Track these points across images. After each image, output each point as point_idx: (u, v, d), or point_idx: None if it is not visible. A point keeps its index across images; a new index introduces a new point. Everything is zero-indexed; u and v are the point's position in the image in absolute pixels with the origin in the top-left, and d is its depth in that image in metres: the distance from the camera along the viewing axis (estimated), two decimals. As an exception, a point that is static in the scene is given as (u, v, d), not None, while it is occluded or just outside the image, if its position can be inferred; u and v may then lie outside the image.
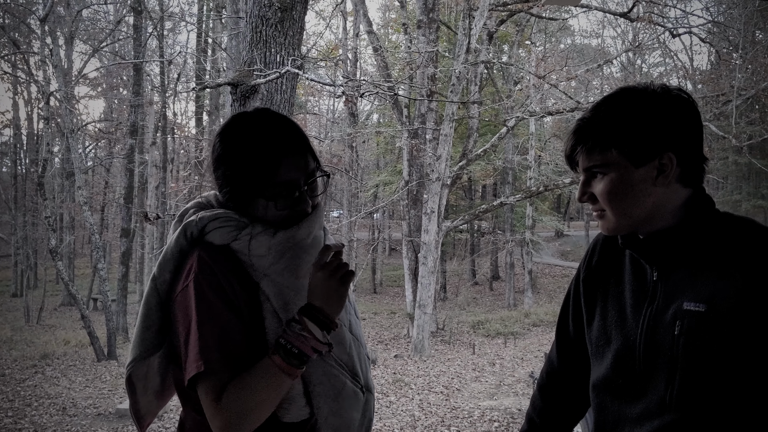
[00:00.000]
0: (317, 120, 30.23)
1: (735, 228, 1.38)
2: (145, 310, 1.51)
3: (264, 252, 1.49)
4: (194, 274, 1.43)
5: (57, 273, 19.77)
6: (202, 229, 1.49)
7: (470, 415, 9.93)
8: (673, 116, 1.37)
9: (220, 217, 1.50)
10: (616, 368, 1.46)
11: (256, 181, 1.48)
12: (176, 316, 1.45)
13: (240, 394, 1.37)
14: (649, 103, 1.37)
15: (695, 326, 1.30)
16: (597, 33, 42.04)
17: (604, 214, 1.44)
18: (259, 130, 1.52)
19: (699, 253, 1.37)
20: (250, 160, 1.48)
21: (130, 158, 18.98)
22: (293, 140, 1.52)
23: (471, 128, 16.84)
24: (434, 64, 15.40)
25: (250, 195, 1.50)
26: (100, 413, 10.87)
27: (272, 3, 5.99)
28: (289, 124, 1.55)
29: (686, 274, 1.37)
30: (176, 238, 1.50)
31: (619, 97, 1.42)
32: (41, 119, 22.47)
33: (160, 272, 1.50)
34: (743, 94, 14.59)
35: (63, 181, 26.40)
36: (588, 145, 1.40)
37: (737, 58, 16.36)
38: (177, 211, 8.27)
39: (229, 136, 1.54)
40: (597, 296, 1.58)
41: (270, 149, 1.48)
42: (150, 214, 9.46)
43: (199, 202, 1.62)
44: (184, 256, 1.49)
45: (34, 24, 19.58)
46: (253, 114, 1.57)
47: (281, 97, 6.21)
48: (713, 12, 21.52)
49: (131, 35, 19.87)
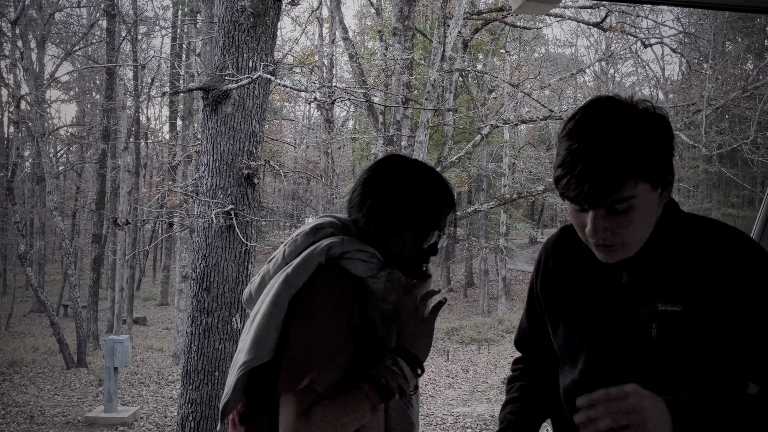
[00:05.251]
0: (293, 126, 30.13)
1: (702, 228, 1.42)
2: (276, 313, 1.51)
3: (394, 299, 1.58)
4: (331, 297, 1.50)
5: (26, 279, 19.46)
6: (343, 254, 1.55)
7: (443, 421, 9.94)
8: (669, 133, 1.35)
9: (366, 251, 1.57)
10: (589, 371, 1.48)
11: (414, 219, 1.60)
12: (295, 324, 1.49)
13: (330, 414, 1.42)
14: (648, 123, 1.32)
15: (672, 326, 1.34)
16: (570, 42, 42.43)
17: (615, 246, 1.36)
18: (427, 175, 1.65)
19: (669, 254, 1.40)
20: (418, 199, 1.60)
21: (102, 163, 18.77)
22: (451, 196, 1.68)
23: (446, 135, 16.90)
24: (409, 72, 15.43)
25: (401, 230, 1.60)
26: (69, 421, 10.72)
27: (245, 8, 5.97)
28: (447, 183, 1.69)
29: (657, 275, 1.39)
30: (319, 252, 1.54)
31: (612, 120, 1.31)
32: (11, 123, 22.13)
33: (296, 278, 1.53)
34: (713, 103, 14.80)
35: (33, 186, 26.01)
36: (604, 181, 1.27)
37: (707, 69, 16.61)
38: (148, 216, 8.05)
39: (396, 171, 1.65)
40: (558, 303, 1.58)
41: (439, 195, 1.64)
42: (120, 219, 9.35)
43: (334, 222, 1.66)
44: (320, 270, 1.53)
45: (5, 27, 19.29)
46: (414, 160, 1.70)
47: (253, 103, 6.19)
48: (684, 23, 21.86)
49: (104, 39, 19.68)
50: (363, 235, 1.62)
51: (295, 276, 1.52)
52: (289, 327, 1.49)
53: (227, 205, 6.19)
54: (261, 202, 6.93)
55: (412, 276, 1.62)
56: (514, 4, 2.68)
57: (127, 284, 19.57)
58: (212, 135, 6.29)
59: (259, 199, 6.69)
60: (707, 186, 29.93)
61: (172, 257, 29.06)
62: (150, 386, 13.70)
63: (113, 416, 11.01)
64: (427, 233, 1.61)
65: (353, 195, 1.66)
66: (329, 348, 1.45)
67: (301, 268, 1.53)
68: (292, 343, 1.47)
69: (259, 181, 6.57)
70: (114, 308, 19.26)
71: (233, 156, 6.25)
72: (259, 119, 6.43)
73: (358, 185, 1.66)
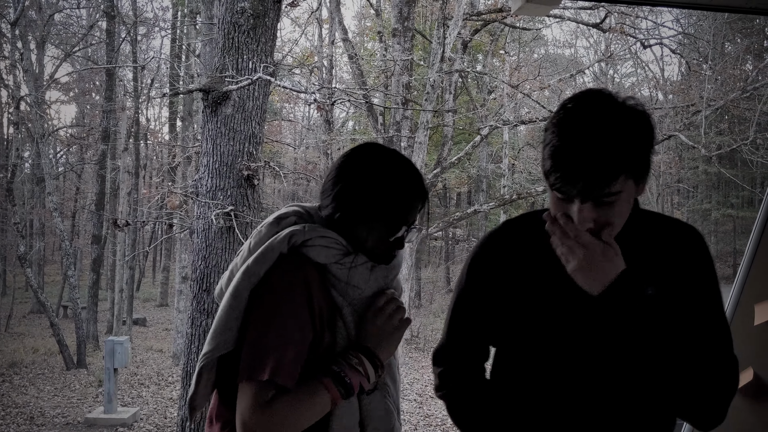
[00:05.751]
0: (292, 127, 30.13)
1: (658, 220, 1.60)
2: (235, 303, 1.50)
3: (362, 285, 1.56)
4: (290, 285, 1.48)
5: (26, 280, 19.47)
6: (305, 241, 1.53)
7: (443, 423, 9.94)
8: (653, 131, 1.43)
9: (328, 237, 1.55)
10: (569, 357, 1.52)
11: (385, 207, 1.56)
12: (255, 313, 1.48)
13: (289, 407, 1.41)
14: (637, 121, 1.39)
15: (646, 308, 1.43)
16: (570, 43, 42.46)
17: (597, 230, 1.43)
18: (401, 164, 1.61)
19: (636, 242, 1.51)
20: (389, 188, 1.56)
21: (102, 164, 18.78)
22: (423, 188, 1.63)
23: (445, 136, 16.89)
24: (409, 73, 15.44)
25: (368, 218, 1.57)
26: (69, 422, 10.72)
27: (245, 10, 5.97)
28: (420, 174, 1.64)
29: (628, 260, 1.46)
30: (280, 241, 1.53)
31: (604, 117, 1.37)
32: (11, 124, 22.13)
33: (256, 267, 1.51)
34: (712, 104, 14.79)
35: (33, 187, 25.99)
36: (599, 178, 1.35)
37: (707, 70, 16.60)
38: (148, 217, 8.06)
39: (368, 158, 1.61)
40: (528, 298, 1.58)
41: (411, 185, 1.59)
42: (119, 220, 9.35)
43: (298, 211, 1.65)
44: (281, 259, 1.52)
45: (5, 28, 19.32)
46: (389, 149, 1.65)
47: (253, 104, 6.20)
48: (683, 24, 21.85)
49: (104, 40, 19.70)
50: (329, 221, 1.60)
51: (256, 266, 1.51)
52: (249, 317, 1.48)
53: (227, 206, 6.19)
54: (261, 203, 6.93)
55: (378, 261, 1.59)
56: (513, 6, 2.69)
57: (127, 285, 19.56)
58: (212, 136, 6.30)
59: (259, 200, 6.69)
60: (707, 187, 29.94)
61: (171, 258, 29.06)
62: (150, 387, 13.70)
63: (113, 417, 11.01)
64: (395, 225, 1.58)
65: (326, 180, 1.64)
66: (288, 337, 1.43)
67: (262, 258, 1.52)
68: (252, 333, 1.45)
69: (259, 182, 6.57)
70: (114, 309, 19.26)
71: (233, 157, 6.26)
72: (259, 120, 6.43)
73: (332, 170, 1.63)
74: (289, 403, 1.41)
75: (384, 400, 1.59)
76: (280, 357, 1.41)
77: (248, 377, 1.41)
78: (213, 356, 1.51)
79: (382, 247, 1.59)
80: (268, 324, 1.44)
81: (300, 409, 1.42)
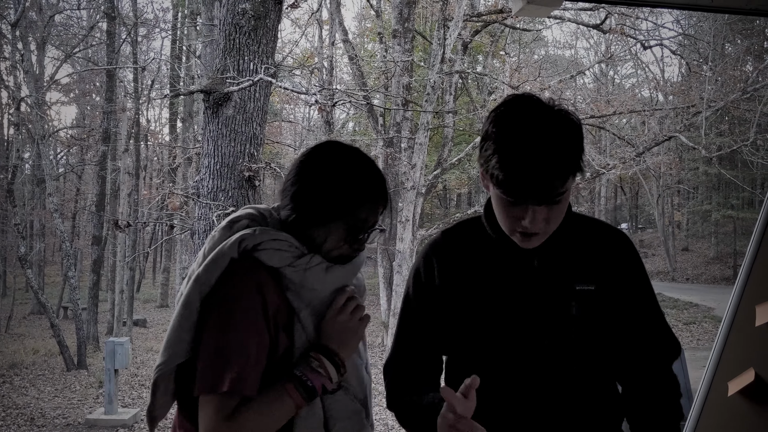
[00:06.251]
0: (292, 128, 30.13)
1: (588, 221, 1.70)
2: (186, 313, 1.47)
3: (317, 287, 1.51)
4: (242, 291, 1.44)
5: (26, 281, 19.46)
6: (257, 245, 1.49)
7: (443, 423, 9.95)
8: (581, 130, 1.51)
9: (280, 240, 1.51)
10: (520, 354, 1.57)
11: (343, 208, 1.51)
12: (208, 322, 1.44)
13: (253, 417, 1.38)
14: (571, 122, 1.46)
15: (588, 304, 1.55)
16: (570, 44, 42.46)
17: (540, 233, 1.50)
18: (358, 163, 1.57)
19: (571, 241, 1.60)
20: (348, 187, 1.52)
21: (102, 165, 18.79)
22: (385, 187, 1.58)
23: (446, 137, 16.91)
24: (409, 74, 15.46)
25: (326, 219, 1.52)
26: (69, 423, 10.72)
27: (246, 11, 5.98)
28: (381, 171, 1.61)
29: (564, 260, 1.58)
30: (230, 246, 1.49)
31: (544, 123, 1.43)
32: (11, 125, 22.15)
33: (207, 275, 1.47)
34: (713, 105, 14.80)
35: (33, 188, 26.00)
36: (553, 182, 1.42)
37: (707, 71, 16.62)
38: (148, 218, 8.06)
39: (325, 158, 1.57)
40: (472, 301, 1.61)
41: (368, 185, 1.54)
42: (121, 221, 9.35)
43: (251, 213, 1.61)
44: (232, 265, 1.48)
45: (5, 29, 19.29)
46: (349, 147, 1.61)
47: (254, 105, 6.21)
48: (684, 25, 21.85)
49: (104, 41, 19.69)
50: (285, 223, 1.57)
51: (206, 274, 1.47)
52: (203, 326, 1.44)
53: (228, 207, 6.20)
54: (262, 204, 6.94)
55: (336, 262, 1.55)
56: (514, 7, 2.68)
57: (127, 286, 19.56)
58: (213, 137, 6.30)
59: (260, 201, 6.70)
60: (707, 188, 29.94)
61: (172, 259, 29.04)
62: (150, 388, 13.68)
63: (114, 418, 11.01)
64: (353, 227, 1.53)
65: (285, 180, 1.61)
66: (244, 345, 1.40)
67: (212, 265, 1.47)
68: (207, 343, 1.41)
69: (260, 183, 6.58)
70: (114, 310, 19.25)
71: (234, 158, 6.27)
72: (260, 122, 6.44)
73: (290, 170, 1.60)
74: (253, 412, 1.38)
75: (349, 400, 1.57)
76: (239, 367, 1.37)
77: (209, 390, 1.38)
78: (166, 368, 1.48)
79: (341, 249, 1.55)
80: (223, 333, 1.41)
81: (264, 418, 1.39)
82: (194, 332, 1.46)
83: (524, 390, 1.56)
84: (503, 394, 1.57)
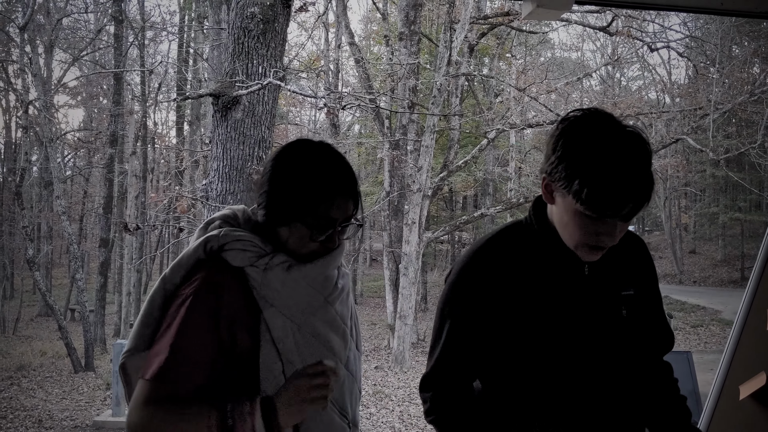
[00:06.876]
0: (299, 130, 30.18)
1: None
2: (149, 308, 1.54)
3: (278, 286, 1.52)
4: (195, 290, 1.48)
5: (34, 283, 19.55)
6: (223, 246, 1.53)
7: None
8: None
9: (243, 240, 1.54)
10: (576, 358, 1.60)
11: (301, 206, 1.51)
12: (166, 316, 1.50)
13: (168, 416, 1.41)
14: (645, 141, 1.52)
15: (632, 306, 1.67)
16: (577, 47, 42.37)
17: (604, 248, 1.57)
18: (320, 160, 1.56)
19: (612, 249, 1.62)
20: (304, 185, 1.51)
21: (110, 168, 18.85)
22: (348, 181, 1.56)
23: (452, 140, 16.90)
24: (415, 76, 15.48)
25: (287, 219, 1.53)
26: (77, 425, 10.75)
27: (254, 15, 6.00)
28: (348, 166, 1.59)
29: (607, 267, 1.65)
30: (195, 247, 1.54)
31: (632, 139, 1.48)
32: (19, 128, 22.26)
33: (172, 275, 1.54)
34: (720, 108, 14.78)
35: (41, 191, 26.12)
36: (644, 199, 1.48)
37: (714, 73, 16.59)
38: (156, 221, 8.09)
39: (289, 157, 1.58)
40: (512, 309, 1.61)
41: (326, 182, 1.52)
42: (130, 224, 9.39)
43: (226, 214, 1.65)
44: (199, 265, 1.53)
45: (13, 32, 19.40)
46: (316, 144, 1.60)
47: (263, 108, 6.22)
48: (691, 27, 21.83)
49: (112, 44, 19.76)
50: (256, 223, 1.60)
51: (171, 274, 1.53)
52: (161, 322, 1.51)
53: (237, 210, 6.21)
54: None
55: (307, 260, 1.55)
56: (524, 11, 2.69)
57: (135, 288, 19.62)
58: (222, 141, 6.33)
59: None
60: (714, 190, 29.85)
61: (178, 261, 29.06)
62: (157, 390, 13.69)
63: (121, 420, 11.02)
64: (313, 224, 1.52)
65: (258, 180, 1.63)
66: (182, 343, 1.43)
67: (176, 266, 1.54)
68: (158, 337, 1.48)
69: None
70: (121, 312, 19.32)
71: (243, 161, 6.29)
72: (268, 125, 6.46)
73: (263, 170, 1.61)
74: (171, 412, 1.40)
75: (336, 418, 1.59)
76: (167, 360, 1.41)
77: (141, 375, 1.44)
78: (130, 355, 1.54)
79: (308, 246, 1.55)
80: (168, 329, 1.46)
81: (178, 422, 1.40)
82: (155, 326, 1.51)
83: (589, 395, 1.62)
84: (569, 401, 1.61)
